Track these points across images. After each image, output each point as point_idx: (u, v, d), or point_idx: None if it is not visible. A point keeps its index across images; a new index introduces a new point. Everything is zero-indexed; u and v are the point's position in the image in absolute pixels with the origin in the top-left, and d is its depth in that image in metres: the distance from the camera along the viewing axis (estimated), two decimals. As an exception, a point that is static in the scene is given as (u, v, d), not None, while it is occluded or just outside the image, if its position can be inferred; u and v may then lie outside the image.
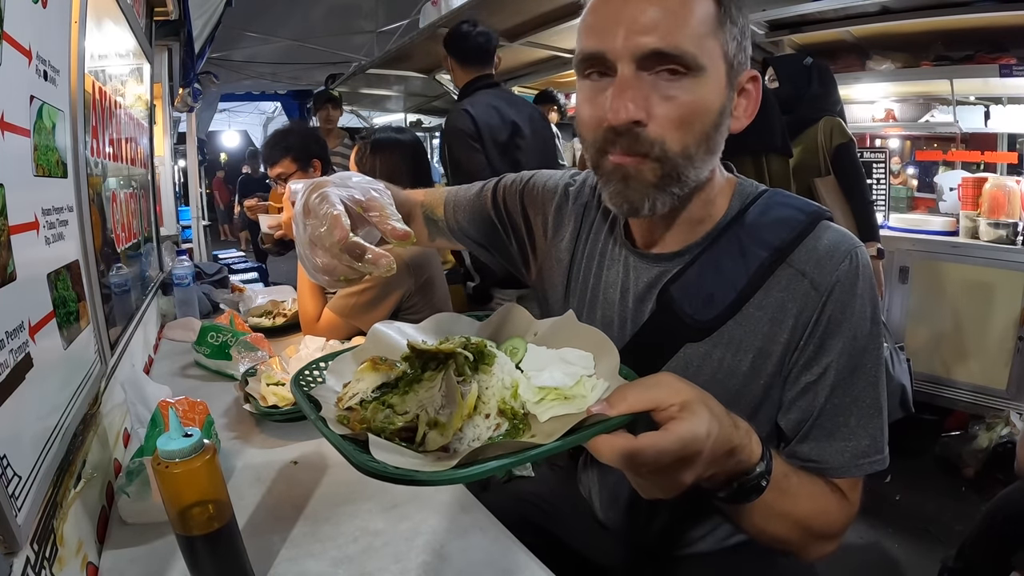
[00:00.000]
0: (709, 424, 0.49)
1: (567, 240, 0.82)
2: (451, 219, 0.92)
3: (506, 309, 0.66)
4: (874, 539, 1.93)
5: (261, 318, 1.75)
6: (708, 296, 0.68)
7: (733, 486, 0.56)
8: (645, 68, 0.60)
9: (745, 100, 0.68)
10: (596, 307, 0.78)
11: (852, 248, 0.65)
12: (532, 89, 4.28)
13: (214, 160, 10.89)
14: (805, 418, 0.66)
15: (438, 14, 3.02)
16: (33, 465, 0.56)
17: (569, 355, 0.56)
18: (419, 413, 0.49)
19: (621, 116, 0.60)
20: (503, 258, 0.92)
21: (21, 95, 0.63)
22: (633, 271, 0.74)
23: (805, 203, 0.70)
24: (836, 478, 0.66)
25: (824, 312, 0.64)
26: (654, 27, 0.59)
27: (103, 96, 1.10)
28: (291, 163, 2.02)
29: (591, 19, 0.63)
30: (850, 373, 0.65)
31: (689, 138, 0.62)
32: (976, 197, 2.49)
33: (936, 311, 2.51)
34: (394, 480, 0.42)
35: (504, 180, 0.90)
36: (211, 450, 0.61)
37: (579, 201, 0.83)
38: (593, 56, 0.63)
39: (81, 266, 0.81)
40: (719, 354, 0.68)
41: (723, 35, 0.62)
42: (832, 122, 2.20)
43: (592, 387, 0.52)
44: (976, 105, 2.96)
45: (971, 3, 2.26)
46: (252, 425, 1.07)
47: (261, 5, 3.96)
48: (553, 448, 0.45)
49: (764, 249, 0.67)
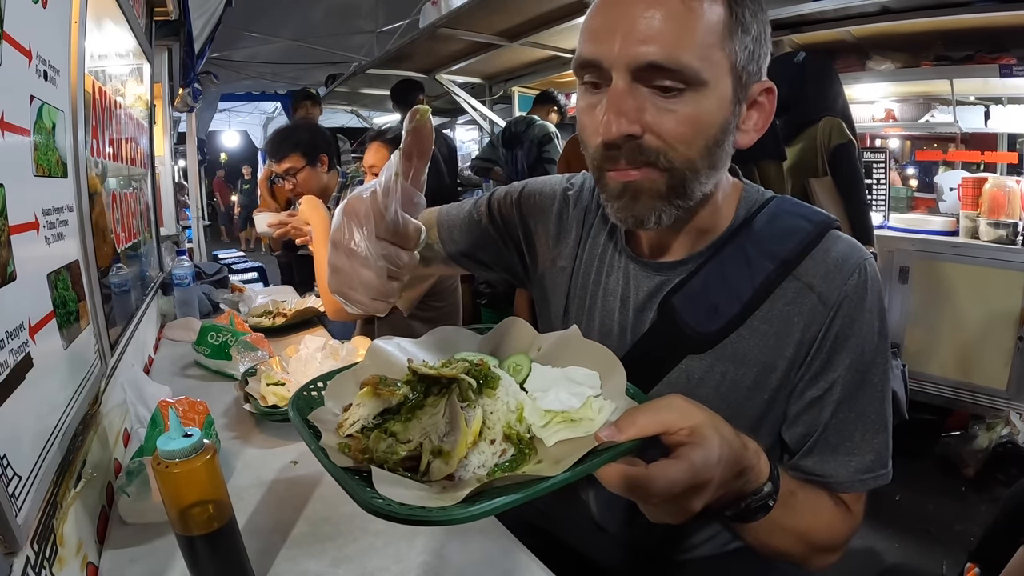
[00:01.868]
0: (720, 450, 0.48)
1: (570, 246, 0.80)
2: (447, 240, 0.89)
3: (508, 323, 0.65)
4: (874, 539, 1.93)
5: (261, 318, 1.75)
6: (711, 307, 0.66)
7: (740, 506, 0.55)
8: (641, 80, 0.56)
9: (756, 113, 0.63)
10: (595, 315, 0.76)
11: (861, 261, 0.64)
12: (532, 89, 4.28)
13: (214, 160, 10.88)
14: (810, 432, 0.65)
15: (438, 14, 3.02)
16: (33, 465, 0.56)
17: (575, 374, 0.55)
18: (422, 441, 0.48)
19: (612, 131, 0.57)
20: (504, 271, 0.89)
21: (21, 95, 0.63)
22: (633, 279, 0.72)
23: (812, 212, 0.68)
24: (840, 492, 0.65)
25: (832, 327, 0.63)
26: (654, 36, 0.55)
27: (103, 96, 1.10)
28: (299, 158, 2.03)
29: (591, 22, 0.60)
30: (856, 388, 0.64)
31: (692, 152, 0.58)
32: (976, 197, 2.49)
33: (936, 311, 2.51)
34: (401, 520, 0.40)
35: (497, 194, 0.88)
36: (211, 450, 0.61)
37: (579, 206, 0.81)
38: (588, 63, 0.59)
39: (81, 266, 0.81)
40: (722, 368, 0.66)
41: (732, 45, 0.57)
42: (832, 122, 2.19)
43: (599, 409, 0.51)
44: (976, 105, 2.96)
45: (971, 3, 2.25)
46: (252, 425, 1.07)
47: (261, 5, 3.96)
48: (563, 480, 0.43)
49: (770, 261, 0.64)
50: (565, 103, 3.72)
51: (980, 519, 2.01)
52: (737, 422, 0.56)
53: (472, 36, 3.21)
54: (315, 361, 1.16)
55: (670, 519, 0.49)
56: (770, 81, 0.63)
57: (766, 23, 0.61)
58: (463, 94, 4.23)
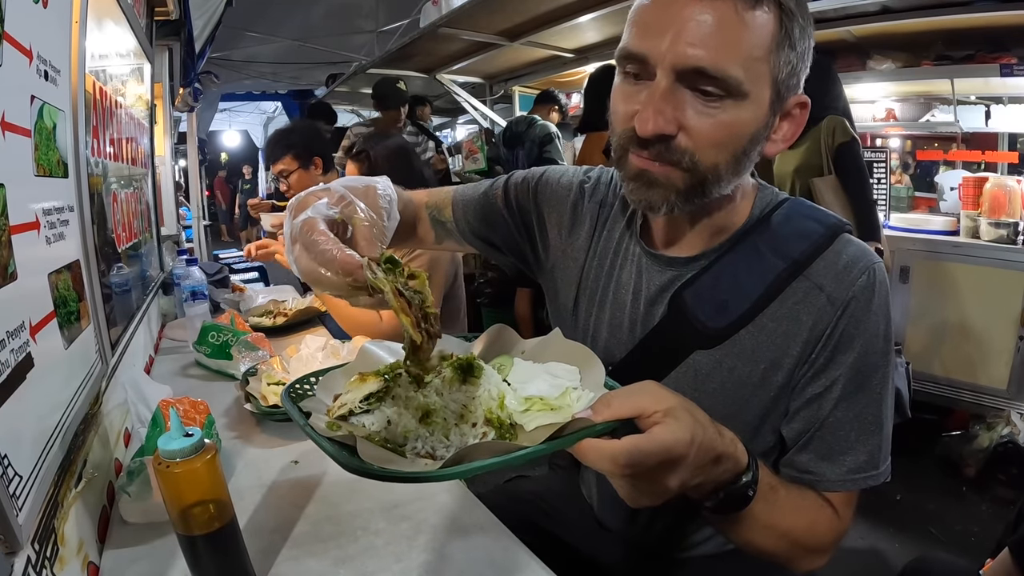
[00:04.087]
0: (693, 429, 0.49)
1: (583, 238, 0.81)
2: (460, 219, 0.89)
3: (495, 330, 0.65)
4: (875, 539, 1.93)
5: (262, 318, 1.75)
6: (722, 303, 0.67)
7: (720, 495, 0.55)
8: (683, 81, 0.57)
9: (788, 124, 0.64)
10: (606, 307, 0.76)
11: (871, 264, 0.64)
12: (532, 89, 4.28)
13: (215, 160, 10.89)
14: (807, 429, 0.66)
15: (438, 13, 3.02)
16: (34, 465, 0.56)
17: (555, 368, 0.56)
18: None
19: (649, 128, 0.57)
20: (515, 256, 0.90)
21: (22, 95, 0.63)
22: (646, 273, 0.73)
23: (825, 215, 0.69)
24: (830, 491, 0.65)
25: (838, 326, 0.63)
26: (704, 40, 0.55)
27: (104, 96, 1.10)
28: (292, 160, 2.02)
29: (643, 15, 0.59)
30: (856, 388, 0.64)
31: (720, 157, 0.59)
32: (977, 197, 2.49)
33: (937, 311, 2.51)
34: (380, 477, 0.43)
35: (514, 178, 0.88)
36: (212, 450, 0.61)
37: (595, 198, 0.82)
38: (633, 55, 0.59)
39: (82, 266, 0.81)
40: (730, 363, 0.67)
41: (777, 59, 0.58)
42: (835, 121, 2.19)
43: (578, 398, 0.52)
44: (977, 105, 2.96)
45: (972, 3, 2.25)
46: (253, 425, 1.07)
47: (261, 5, 3.96)
48: (538, 451, 0.45)
49: (782, 260, 0.65)
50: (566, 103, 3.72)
51: (981, 519, 2.01)
52: (741, 418, 0.56)
53: (473, 36, 3.22)
54: (316, 361, 1.16)
55: (648, 500, 0.51)
56: (805, 95, 0.64)
57: (812, 38, 0.62)
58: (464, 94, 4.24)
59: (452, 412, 0.51)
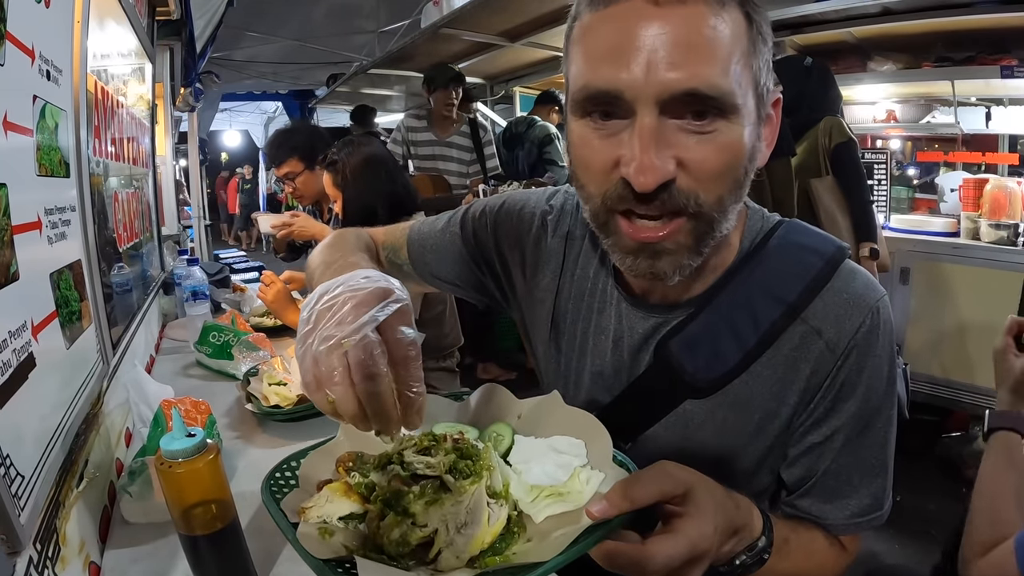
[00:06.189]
0: (715, 518, 0.47)
1: (548, 279, 0.73)
2: (417, 260, 0.82)
3: (487, 390, 0.62)
4: (875, 540, 1.92)
5: (263, 318, 1.75)
6: (712, 353, 0.61)
7: (735, 563, 0.53)
8: (668, 113, 0.48)
9: (768, 128, 0.56)
10: (586, 353, 0.70)
11: (874, 304, 0.59)
12: (533, 89, 4.28)
13: (215, 160, 10.89)
14: (808, 476, 0.63)
15: (439, 14, 3.02)
16: (36, 464, 0.56)
17: (559, 443, 0.52)
18: (438, 528, 0.44)
19: (651, 180, 0.48)
20: (482, 296, 0.82)
21: (24, 95, 0.63)
22: (627, 319, 0.66)
23: (823, 241, 0.62)
24: (835, 534, 0.64)
25: (839, 375, 0.59)
26: (684, 59, 0.46)
27: (105, 96, 1.10)
28: (297, 162, 2.02)
29: (595, 41, 0.50)
30: (858, 435, 0.61)
31: (723, 187, 0.51)
32: (977, 198, 2.49)
33: (937, 312, 2.50)
34: None
35: (473, 209, 0.79)
36: (214, 450, 0.61)
37: (559, 232, 0.73)
38: (603, 94, 0.49)
39: (83, 265, 0.81)
40: (723, 413, 0.62)
41: (756, 60, 0.51)
42: (832, 121, 2.19)
43: (587, 480, 0.49)
44: (977, 106, 2.96)
45: (972, 4, 2.25)
46: (254, 425, 1.07)
47: (262, 5, 3.97)
48: (556, 564, 0.42)
49: (776, 304, 0.59)
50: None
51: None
52: (737, 464, 0.53)
53: (474, 36, 3.22)
54: (316, 361, 1.16)
55: None
56: (779, 92, 0.58)
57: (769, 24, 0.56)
58: (464, 94, 4.23)
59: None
